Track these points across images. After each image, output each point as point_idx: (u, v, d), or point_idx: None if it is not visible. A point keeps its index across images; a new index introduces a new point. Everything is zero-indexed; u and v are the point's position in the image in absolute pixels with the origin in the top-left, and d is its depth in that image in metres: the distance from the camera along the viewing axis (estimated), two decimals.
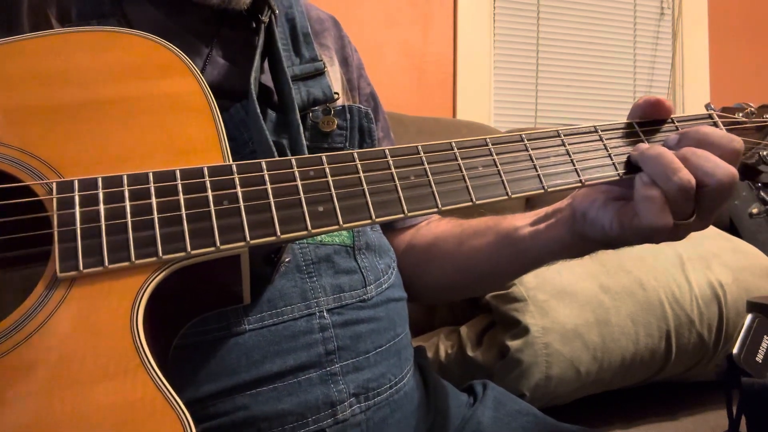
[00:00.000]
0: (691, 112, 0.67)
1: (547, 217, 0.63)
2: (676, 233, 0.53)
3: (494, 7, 1.94)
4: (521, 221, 0.66)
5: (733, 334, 1.10)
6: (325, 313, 0.58)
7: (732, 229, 1.49)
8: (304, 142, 0.59)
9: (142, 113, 0.46)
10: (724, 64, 2.17)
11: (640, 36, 2.13)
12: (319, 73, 0.67)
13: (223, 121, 0.47)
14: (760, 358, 0.82)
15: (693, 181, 0.50)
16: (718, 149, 0.52)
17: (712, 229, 1.22)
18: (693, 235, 0.55)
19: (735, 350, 0.80)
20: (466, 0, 1.87)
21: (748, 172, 0.58)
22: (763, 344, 0.83)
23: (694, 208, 0.52)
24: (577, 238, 0.59)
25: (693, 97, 2.11)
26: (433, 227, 0.79)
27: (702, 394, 1.16)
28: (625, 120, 0.57)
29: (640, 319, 1.05)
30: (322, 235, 0.61)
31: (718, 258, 1.17)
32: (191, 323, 0.50)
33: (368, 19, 1.75)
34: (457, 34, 1.86)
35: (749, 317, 0.86)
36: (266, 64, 0.65)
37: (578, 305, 1.03)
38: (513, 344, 0.98)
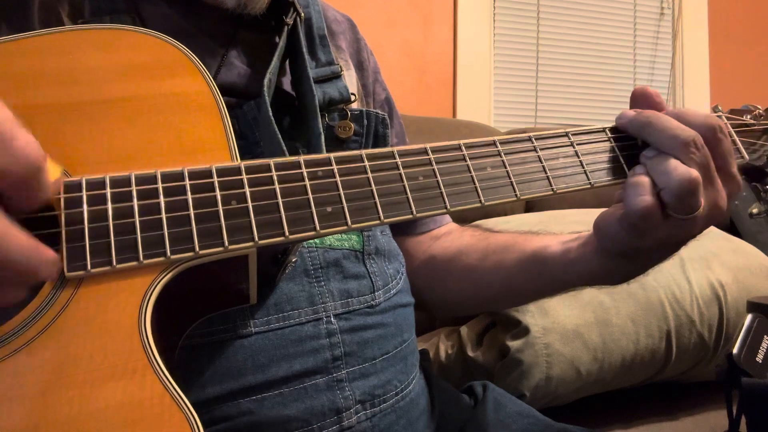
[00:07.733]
0: None
1: (579, 238, 0.62)
2: (686, 228, 0.52)
3: (494, 7, 1.94)
4: (552, 240, 0.65)
5: (733, 334, 1.10)
6: (332, 318, 0.57)
7: (732, 229, 1.49)
8: (324, 150, 0.58)
9: (150, 112, 0.46)
10: (724, 64, 2.18)
11: (640, 36, 2.13)
12: (336, 76, 0.66)
13: (236, 118, 0.46)
14: (760, 358, 0.82)
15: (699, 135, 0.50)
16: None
17: (712, 229, 1.22)
18: None
19: (735, 350, 0.81)
20: (466, 0, 1.88)
21: (756, 174, 0.58)
22: (763, 344, 0.84)
23: (701, 200, 0.51)
24: (600, 256, 0.58)
25: (693, 97, 2.12)
26: (455, 239, 0.77)
27: (702, 394, 1.16)
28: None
29: (640, 320, 1.05)
30: (332, 240, 0.60)
31: (718, 258, 1.17)
32: (197, 323, 0.49)
33: (368, 19, 1.75)
34: (457, 34, 1.86)
35: (749, 317, 0.86)
36: (288, 70, 0.63)
37: (578, 305, 1.03)
38: (513, 344, 0.98)
